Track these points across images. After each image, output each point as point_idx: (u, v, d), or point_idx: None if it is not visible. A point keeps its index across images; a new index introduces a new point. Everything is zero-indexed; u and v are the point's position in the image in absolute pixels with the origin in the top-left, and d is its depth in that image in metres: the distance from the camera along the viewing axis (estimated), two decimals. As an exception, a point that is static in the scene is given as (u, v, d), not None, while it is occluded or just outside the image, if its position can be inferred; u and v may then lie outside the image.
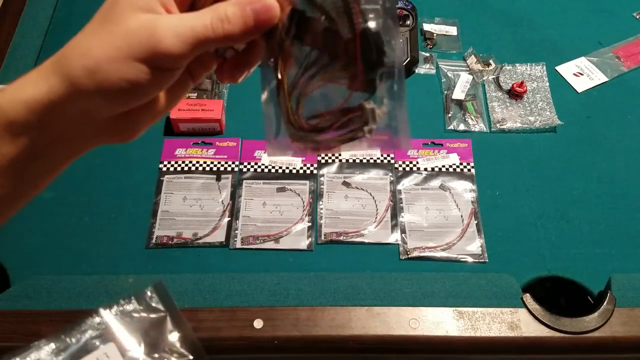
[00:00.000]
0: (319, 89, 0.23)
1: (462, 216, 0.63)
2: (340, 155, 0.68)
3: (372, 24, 0.22)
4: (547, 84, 0.75)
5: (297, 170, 0.67)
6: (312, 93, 0.23)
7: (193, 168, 0.67)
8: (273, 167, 0.68)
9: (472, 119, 0.72)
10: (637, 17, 0.83)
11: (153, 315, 0.39)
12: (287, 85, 0.24)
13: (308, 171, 0.67)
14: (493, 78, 0.76)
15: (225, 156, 0.68)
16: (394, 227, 0.63)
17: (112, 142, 0.25)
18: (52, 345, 0.37)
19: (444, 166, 0.68)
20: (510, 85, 0.74)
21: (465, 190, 0.66)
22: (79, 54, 0.22)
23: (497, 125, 0.71)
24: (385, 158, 0.69)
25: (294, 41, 0.23)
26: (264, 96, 0.25)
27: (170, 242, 0.61)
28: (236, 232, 0.62)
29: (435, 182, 0.66)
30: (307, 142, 0.24)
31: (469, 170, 0.67)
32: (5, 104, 0.22)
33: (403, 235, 0.62)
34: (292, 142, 0.24)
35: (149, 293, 0.36)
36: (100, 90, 0.22)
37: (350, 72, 0.23)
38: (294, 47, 0.23)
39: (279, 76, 0.24)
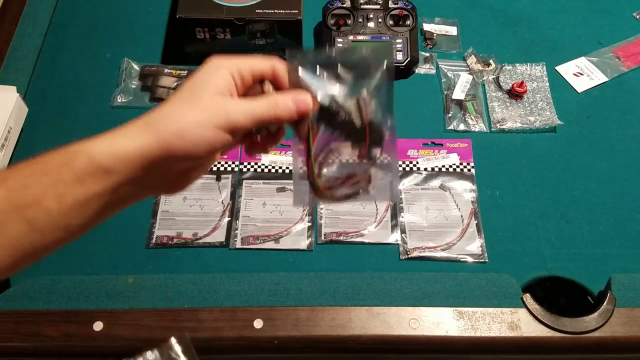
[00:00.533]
0: (336, 159, 0.33)
1: (462, 216, 0.63)
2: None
3: (375, 118, 0.32)
4: (547, 84, 0.75)
5: (297, 170, 0.67)
6: (331, 161, 0.34)
7: (193, 168, 0.67)
8: (273, 167, 0.68)
9: (472, 119, 0.72)
10: (637, 17, 0.83)
11: None
12: (313, 155, 0.33)
13: (308, 171, 0.67)
14: (493, 78, 0.76)
15: (225, 156, 0.68)
16: (394, 227, 0.63)
17: (168, 192, 0.34)
18: None
19: (444, 166, 0.68)
20: (510, 85, 0.74)
21: (465, 190, 0.66)
22: (171, 119, 0.29)
23: (497, 125, 0.71)
24: (385, 158, 0.68)
25: (320, 125, 0.32)
26: (295, 164, 0.34)
27: (170, 242, 0.61)
28: (236, 232, 0.62)
29: (435, 182, 0.66)
30: (325, 196, 0.34)
31: (469, 170, 0.67)
32: (100, 154, 0.28)
33: (403, 235, 0.62)
34: (314, 196, 0.33)
35: (172, 343, 0.37)
36: (186, 148, 0.29)
37: (359, 148, 0.33)
38: (320, 129, 0.32)
39: (307, 149, 0.33)
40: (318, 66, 0.32)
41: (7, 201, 0.27)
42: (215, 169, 0.67)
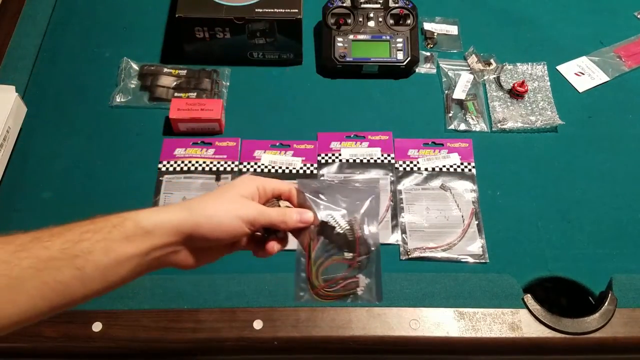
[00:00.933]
0: (330, 264, 0.41)
1: (462, 216, 0.63)
2: (340, 155, 0.68)
3: (365, 232, 0.41)
4: (548, 83, 0.75)
5: (297, 171, 0.67)
6: (327, 266, 0.41)
7: (192, 168, 0.67)
8: (273, 167, 0.67)
9: (472, 119, 0.72)
10: (639, 16, 0.83)
11: None
12: (313, 259, 0.41)
13: (308, 171, 0.67)
14: (494, 77, 0.76)
15: (225, 156, 0.68)
16: (394, 227, 0.62)
17: (187, 265, 0.38)
18: None
19: (444, 166, 0.67)
20: (511, 84, 0.74)
21: (466, 190, 0.65)
22: (204, 205, 0.37)
23: (498, 125, 0.71)
24: (385, 158, 0.68)
25: (320, 237, 0.41)
26: (298, 266, 0.42)
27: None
28: (236, 232, 0.62)
29: (436, 182, 0.66)
30: (320, 294, 0.41)
31: (469, 170, 0.67)
32: (145, 220, 0.34)
33: (403, 235, 0.62)
34: (312, 293, 0.41)
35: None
36: (211, 229, 0.36)
37: (351, 256, 0.41)
38: (319, 240, 0.41)
39: (309, 254, 0.41)
40: (321, 192, 0.41)
41: (64, 251, 0.31)
42: (215, 169, 0.67)
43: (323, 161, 0.68)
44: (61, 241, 0.31)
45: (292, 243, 0.41)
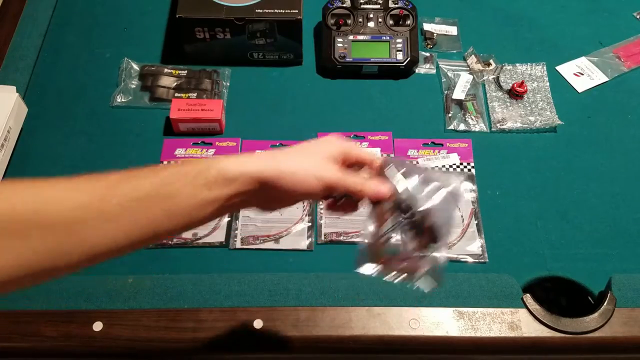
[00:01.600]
0: (396, 243, 0.41)
1: (462, 216, 0.63)
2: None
3: (435, 224, 0.40)
4: (548, 83, 0.75)
5: (297, 170, 0.67)
6: (393, 244, 0.41)
7: (193, 168, 0.67)
8: (273, 167, 0.67)
9: (472, 119, 0.72)
10: (638, 17, 0.83)
11: None
12: (382, 231, 0.40)
13: (308, 171, 0.67)
14: (493, 78, 0.76)
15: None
16: (394, 227, 0.62)
17: (261, 209, 0.40)
18: None
19: (444, 166, 0.68)
20: (511, 85, 0.74)
21: (465, 190, 0.66)
22: (289, 159, 0.38)
23: (498, 125, 0.71)
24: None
25: (394, 212, 0.40)
26: (366, 232, 0.41)
27: (170, 242, 0.61)
28: (236, 232, 0.62)
29: (436, 182, 0.66)
30: (379, 266, 0.41)
31: (469, 170, 0.67)
32: (229, 168, 0.36)
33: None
34: (372, 262, 0.41)
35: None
36: (292, 182, 0.37)
37: (417, 241, 0.40)
38: (393, 215, 0.40)
39: (379, 226, 0.40)
40: (404, 172, 0.41)
41: (153, 191, 0.33)
42: (215, 169, 0.67)
43: (323, 161, 0.68)
44: (149, 184, 0.33)
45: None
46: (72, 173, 0.74)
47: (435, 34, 0.80)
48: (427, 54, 0.78)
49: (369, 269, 0.41)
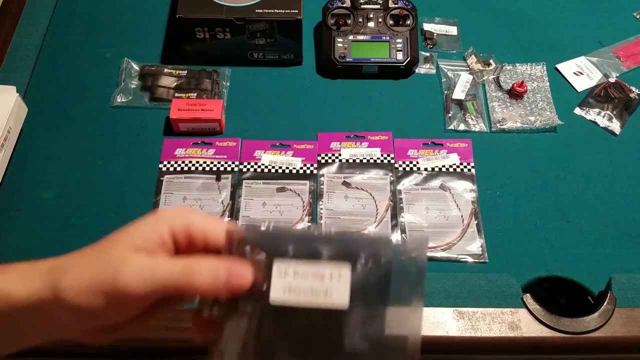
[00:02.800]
0: None
1: (462, 216, 0.63)
2: (340, 155, 0.68)
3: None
4: (548, 83, 0.75)
5: (297, 171, 0.67)
6: None
7: (193, 168, 0.67)
8: (273, 167, 0.68)
9: (472, 119, 0.72)
10: (638, 17, 0.83)
11: None
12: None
13: (308, 171, 0.67)
14: (493, 78, 0.76)
15: (225, 156, 0.68)
16: (394, 227, 0.63)
17: (81, 341, 0.27)
18: None
19: (444, 166, 0.68)
20: (511, 85, 0.74)
21: (465, 190, 0.66)
22: (67, 270, 0.25)
23: (498, 125, 0.71)
24: (385, 158, 0.68)
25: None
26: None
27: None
28: (236, 232, 0.62)
29: (436, 182, 0.66)
30: None
31: (469, 170, 0.67)
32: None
33: (403, 235, 0.62)
34: None
35: None
36: (67, 309, 0.24)
37: None
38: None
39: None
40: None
41: None
42: (215, 169, 0.67)
43: (323, 161, 0.68)
44: None
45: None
46: (71, 173, 0.74)
47: (435, 34, 0.80)
48: (427, 54, 0.78)
49: None
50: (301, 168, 0.67)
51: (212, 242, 0.25)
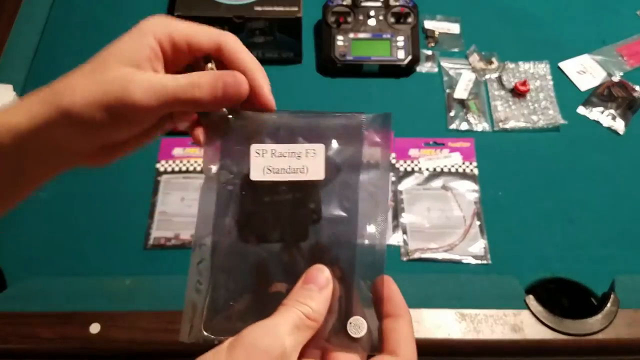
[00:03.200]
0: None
1: (464, 217, 0.63)
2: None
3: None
4: (551, 82, 0.74)
5: (297, 170, 0.66)
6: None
7: (191, 168, 0.66)
8: (273, 167, 0.67)
9: (474, 118, 0.71)
10: (641, 14, 0.82)
11: None
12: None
13: (308, 171, 0.67)
14: (496, 77, 0.75)
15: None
16: (395, 228, 0.62)
17: (85, 165, 0.28)
18: None
19: (445, 166, 0.67)
20: (513, 83, 0.73)
21: (467, 190, 0.65)
22: (68, 91, 0.25)
23: (500, 124, 0.71)
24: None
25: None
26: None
27: (167, 243, 0.60)
28: (235, 232, 0.61)
29: (437, 182, 0.66)
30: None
31: (471, 170, 0.67)
32: None
33: (404, 236, 0.61)
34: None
35: None
36: (74, 126, 0.25)
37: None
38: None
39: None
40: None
41: None
42: (214, 168, 0.67)
43: (323, 161, 0.67)
44: None
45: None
46: (68, 173, 0.73)
47: (436, 32, 0.79)
48: (429, 53, 0.77)
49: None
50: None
51: (195, 48, 0.26)
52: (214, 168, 0.26)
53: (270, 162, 0.24)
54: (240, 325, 0.23)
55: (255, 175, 0.24)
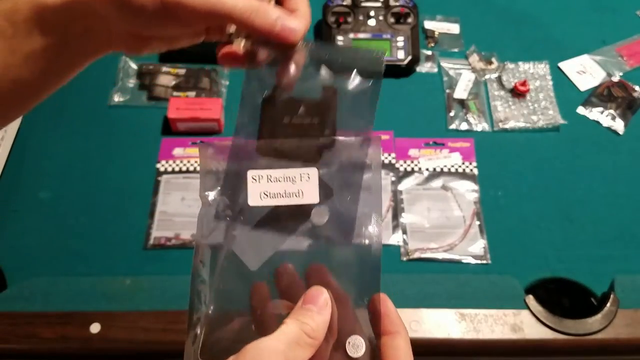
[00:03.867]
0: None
1: (464, 217, 0.63)
2: (340, 154, 0.68)
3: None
4: (551, 82, 0.75)
5: (297, 170, 0.66)
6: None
7: (191, 168, 0.66)
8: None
9: (474, 118, 0.71)
10: (641, 15, 0.82)
11: None
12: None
13: (308, 171, 0.67)
14: (495, 77, 0.75)
15: (224, 156, 0.67)
16: (395, 228, 0.62)
17: (124, 51, 0.29)
18: None
19: (445, 166, 0.67)
20: (513, 83, 0.73)
21: (467, 190, 0.65)
22: None
23: (500, 124, 0.71)
24: (386, 158, 0.68)
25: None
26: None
27: (168, 243, 0.60)
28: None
29: (437, 182, 0.66)
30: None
31: (471, 170, 0.67)
32: None
33: (404, 236, 0.61)
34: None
35: None
36: (124, 8, 0.25)
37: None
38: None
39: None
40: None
41: None
42: (214, 168, 0.67)
43: (323, 161, 0.67)
44: None
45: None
46: (68, 173, 0.73)
47: (436, 32, 0.79)
48: (429, 53, 0.77)
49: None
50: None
51: None
52: (211, 195, 0.28)
53: (267, 188, 0.25)
54: (239, 347, 0.23)
55: (253, 201, 0.25)
